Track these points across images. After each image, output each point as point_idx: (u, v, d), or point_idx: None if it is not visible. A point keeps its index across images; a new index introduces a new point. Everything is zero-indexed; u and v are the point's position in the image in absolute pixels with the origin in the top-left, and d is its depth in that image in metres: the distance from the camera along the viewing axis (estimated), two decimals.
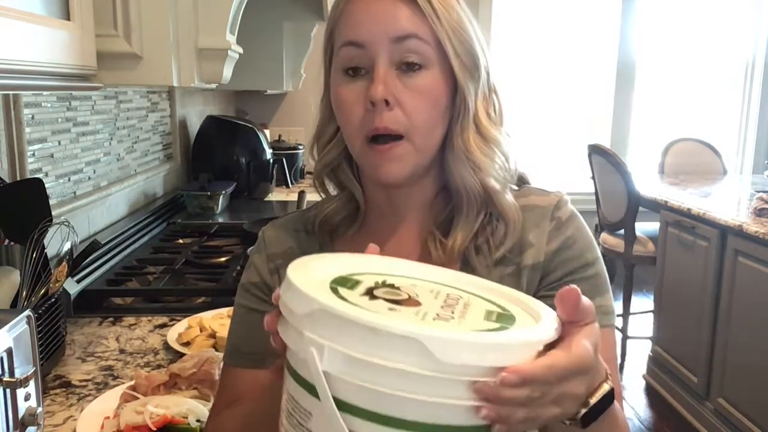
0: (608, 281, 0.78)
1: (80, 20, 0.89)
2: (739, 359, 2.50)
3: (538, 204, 0.78)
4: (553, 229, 0.76)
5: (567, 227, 0.76)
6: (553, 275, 0.75)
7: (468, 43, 0.72)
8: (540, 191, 0.80)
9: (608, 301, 0.77)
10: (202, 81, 1.22)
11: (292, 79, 3.20)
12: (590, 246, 0.77)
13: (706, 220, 2.64)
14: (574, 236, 0.76)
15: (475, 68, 0.73)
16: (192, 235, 2.02)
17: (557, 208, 0.77)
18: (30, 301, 0.97)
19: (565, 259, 0.76)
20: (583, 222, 0.79)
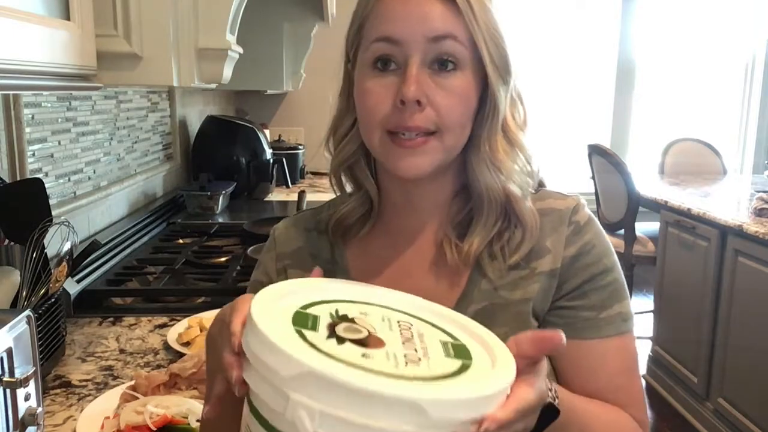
0: (626, 286, 0.77)
1: (80, 20, 0.89)
2: (739, 359, 2.50)
3: (555, 207, 0.77)
4: (571, 234, 0.75)
5: (585, 232, 0.75)
6: (571, 282, 0.74)
7: (502, 46, 0.71)
8: (557, 194, 0.79)
9: (627, 307, 0.76)
10: (202, 81, 1.21)
11: (292, 79, 3.20)
12: (608, 251, 0.76)
13: (706, 220, 2.64)
14: (592, 241, 0.75)
15: (507, 72, 0.72)
16: (192, 235, 2.02)
17: (575, 212, 0.76)
18: (30, 301, 0.97)
19: (583, 265, 0.74)
20: (600, 226, 0.78)
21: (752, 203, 2.60)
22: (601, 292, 0.74)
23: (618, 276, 0.76)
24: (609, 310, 0.74)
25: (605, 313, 0.74)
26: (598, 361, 0.74)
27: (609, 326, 0.74)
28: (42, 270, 1.00)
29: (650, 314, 3.24)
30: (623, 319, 0.75)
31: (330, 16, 2.77)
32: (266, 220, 2.05)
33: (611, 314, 0.74)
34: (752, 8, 4.53)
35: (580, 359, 0.74)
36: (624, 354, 0.75)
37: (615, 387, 0.74)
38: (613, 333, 0.74)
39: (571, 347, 0.69)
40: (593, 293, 0.74)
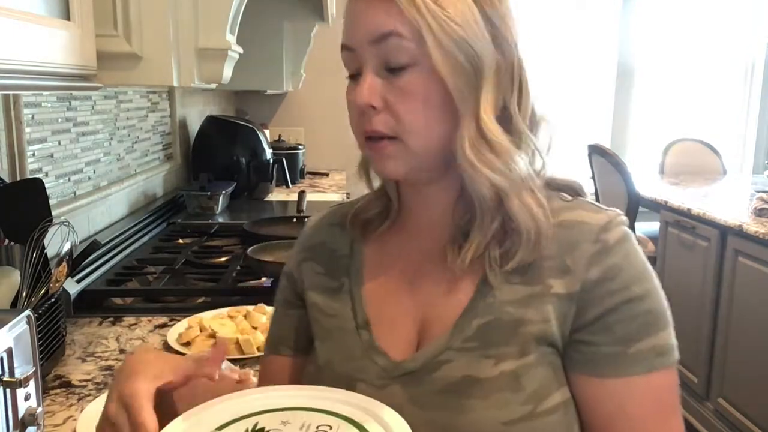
0: (665, 315, 0.68)
1: (80, 20, 0.89)
2: (739, 359, 2.50)
3: (584, 221, 0.68)
4: (596, 254, 0.65)
5: (613, 253, 0.65)
6: (592, 311, 0.65)
7: (460, 36, 0.63)
8: (592, 206, 0.70)
9: (664, 339, 0.66)
10: (202, 81, 1.21)
11: (292, 79, 3.20)
12: (640, 277, 0.66)
13: (706, 220, 2.64)
14: (620, 265, 0.65)
15: (470, 65, 0.64)
16: (192, 235, 2.02)
17: (605, 229, 0.67)
18: (30, 301, 0.97)
19: (606, 291, 0.64)
20: (637, 248, 0.68)
21: (752, 203, 2.60)
22: (628, 323, 0.64)
23: (652, 306, 0.66)
24: (638, 344, 0.64)
25: (634, 347, 0.64)
26: (622, 404, 0.65)
27: (637, 363, 0.64)
28: (42, 270, 1.00)
29: None
30: (658, 354, 0.65)
31: (330, 16, 2.77)
32: (266, 220, 2.05)
33: (641, 349, 0.64)
34: (752, 9, 4.53)
35: (602, 401, 0.65)
36: (658, 394, 0.65)
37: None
38: (642, 371, 0.64)
39: (590, 386, 0.65)
40: (618, 325, 0.64)
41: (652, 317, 0.66)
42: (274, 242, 1.66)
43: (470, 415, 0.64)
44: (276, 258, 1.56)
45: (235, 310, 1.26)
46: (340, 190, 3.01)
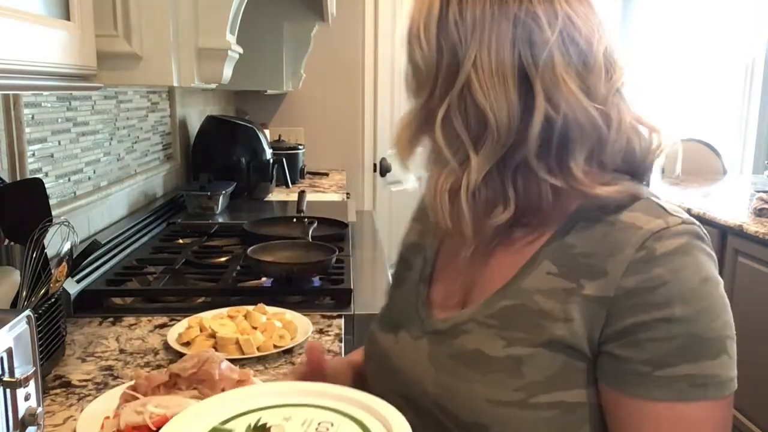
0: (716, 345, 0.61)
1: (80, 20, 0.89)
2: (739, 359, 2.49)
3: (637, 224, 0.63)
4: (637, 261, 0.61)
5: (658, 264, 0.60)
6: (622, 321, 0.61)
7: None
8: (657, 210, 0.64)
9: (708, 369, 0.60)
10: (202, 81, 1.22)
11: (292, 79, 3.20)
12: (688, 296, 0.60)
13: (706, 220, 2.64)
14: (664, 278, 0.60)
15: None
16: (192, 235, 2.02)
17: (657, 237, 0.61)
18: (30, 301, 0.97)
19: (641, 303, 0.60)
20: (697, 264, 0.62)
21: (752, 203, 2.60)
22: (662, 344, 0.59)
23: (698, 331, 0.60)
24: (671, 369, 0.59)
25: (665, 371, 0.59)
26: (640, 427, 0.61)
27: (665, 388, 0.60)
28: (42, 270, 1.00)
29: None
30: (693, 384, 0.59)
31: (330, 16, 2.77)
32: (266, 220, 2.05)
33: (673, 374, 0.59)
34: (752, 8, 4.53)
35: (621, 418, 0.62)
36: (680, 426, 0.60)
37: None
38: (667, 397, 0.60)
39: (613, 400, 0.62)
40: (650, 344, 0.60)
41: (694, 342, 0.60)
42: (274, 242, 1.66)
43: (466, 385, 0.67)
44: (276, 258, 1.57)
45: (235, 310, 1.26)
46: (340, 190, 3.01)
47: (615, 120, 0.66)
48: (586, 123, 0.64)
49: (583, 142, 0.65)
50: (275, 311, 1.27)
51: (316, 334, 1.22)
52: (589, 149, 0.65)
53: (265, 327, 1.18)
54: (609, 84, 0.66)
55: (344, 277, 1.52)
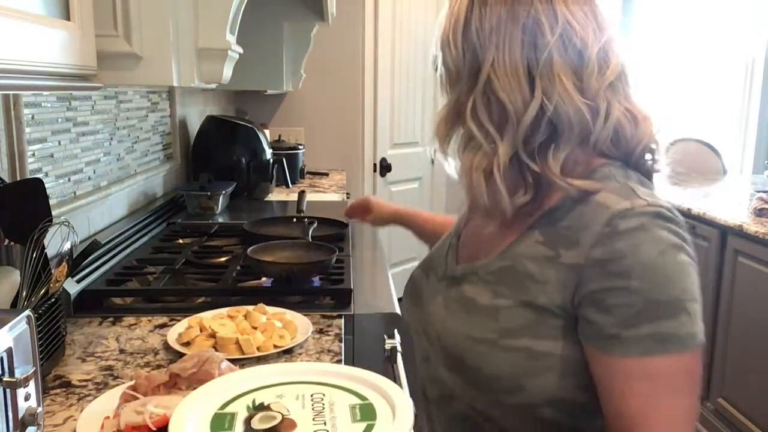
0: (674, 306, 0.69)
1: (80, 20, 0.89)
2: (739, 359, 2.50)
3: (606, 204, 0.73)
4: (603, 236, 0.71)
5: (621, 239, 0.70)
6: (589, 286, 0.72)
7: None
8: (627, 192, 0.74)
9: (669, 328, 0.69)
10: (202, 81, 1.22)
11: (292, 79, 3.20)
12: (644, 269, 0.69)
13: (706, 220, 2.64)
14: (624, 252, 0.69)
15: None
16: (192, 235, 2.02)
17: (622, 215, 0.71)
18: (30, 301, 0.97)
19: (606, 273, 0.70)
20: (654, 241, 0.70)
21: (752, 203, 2.60)
22: (625, 309, 0.69)
23: (656, 296, 0.69)
24: (635, 330, 0.69)
25: (630, 332, 0.69)
26: (616, 380, 0.71)
27: (632, 345, 0.69)
28: (42, 270, 1.00)
29: None
30: (657, 340, 0.68)
31: (330, 16, 2.77)
32: (266, 220, 2.05)
33: (639, 334, 0.69)
34: (752, 8, 4.53)
35: (602, 375, 0.73)
36: (652, 375, 0.69)
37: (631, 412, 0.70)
38: (635, 353, 0.69)
39: (595, 361, 0.73)
40: (616, 309, 0.70)
41: (652, 306, 0.69)
42: (274, 242, 1.66)
43: (457, 324, 0.82)
44: (276, 258, 1.57)
45: (235, 310, 1.26)
46: (340, 190, 3.01)
47: (603, 113, 0.77)
48: (574, 116, 0.75)
49: (570, 133, 0.76)
50: (275, 311, 1.27)
51: (316, 334, 1.22)
52: (577, 139, 0.77)
53: (265, 327, 1.18)
54: (601, 79, 0.77)
55: (344, 277, 1.52)
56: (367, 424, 0.62)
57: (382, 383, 0.69)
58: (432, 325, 0.87)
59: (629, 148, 0.80)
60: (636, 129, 0.79)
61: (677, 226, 0.72)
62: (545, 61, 0.74)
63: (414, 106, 4.22)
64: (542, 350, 0.75)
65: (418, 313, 0.93)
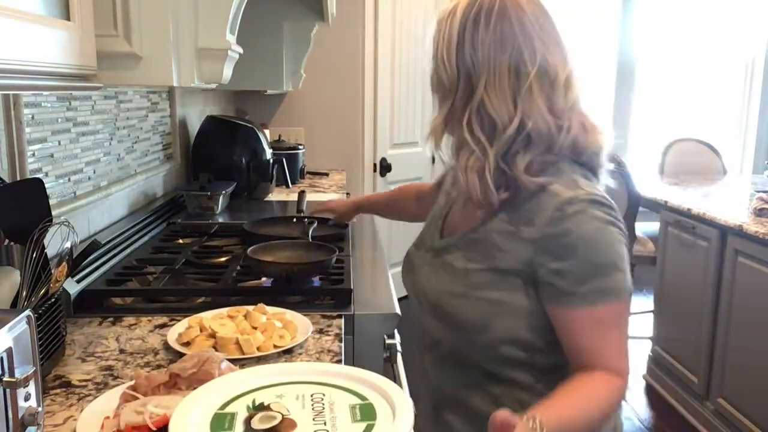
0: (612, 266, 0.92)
1: (80, 20, 0.89)
2: (739, 359, 2.50)
3: (557, 193, 0.95)
4: (555, 218, 0.93)
5: (567, 220, 0.92)
6: (546, 255, 0.94)
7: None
8: (573, 184, 0.95)
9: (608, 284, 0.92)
10: (202, 81, 1.22)
11: (292, 79, 3.20)
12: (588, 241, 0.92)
13: (706, 220, 2.64)
14: (571, 229, 0.92)
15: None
16: (192, 235, 2.02)
17: (569, 202, 0.93)
18: (30, 301, 0.97)
19: (559, 245, 0.93)
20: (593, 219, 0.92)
21: (752, 203, 2.60)
22: (574, 272, 0.92)
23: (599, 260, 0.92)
24: (583, 287, 0.92)
25: (582, 288, 0.92)
26: (574, 325, 0.94)
27: (582, 299, 0.92)
28: (42, 270, 1.00)
29: (650, 314, 3.24)
30: (601, 292, 0.92)
31: (330, 16, 2.77)
32: (266, 220, 2.05)
33: (588, 289, 0.92)
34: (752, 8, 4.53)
35: (564, 323, 0.95)
36: (598, 319, 0.93)
37: (588, 346, 0.94)
38: (585, 305, 0.92)
39: (556, 314, 0.95)
40: (566, 273, 0.92)
41: (598, 268, 0.92)
42: (274, 242, 1.66)
43: (438, 281, 1.05)
44: (276, 258, 1.57)
45: (235, 310, 1.26)
46: (340, 190, 3.01)
47: (565, 127, 0.97)
48: (545, 131, 0.96)
49: (539, 143, 0.96)
50: (275, 311, 1.27)
51: (316, 334, 1.22)
52: (544, 147, 0.97)
53: (265, 327, 1.18)
54: (565, 101, 0.97)
55: (344, 277, 1.52)
56: (367, 424, 0.62)
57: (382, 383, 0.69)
58: (420, 285, 1.09)
59: (581, 152, 1.00)
60: (587, 137, 0.99)
61: (609, 209, 0.95)
62: (526, 88, 0.94)
63: (414, 106, 4.22)
64: (501, 300, 0.97)
65: (410, 279, 1.15)
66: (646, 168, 4.04)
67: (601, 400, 0.92)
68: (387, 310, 1.37)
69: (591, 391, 0.92)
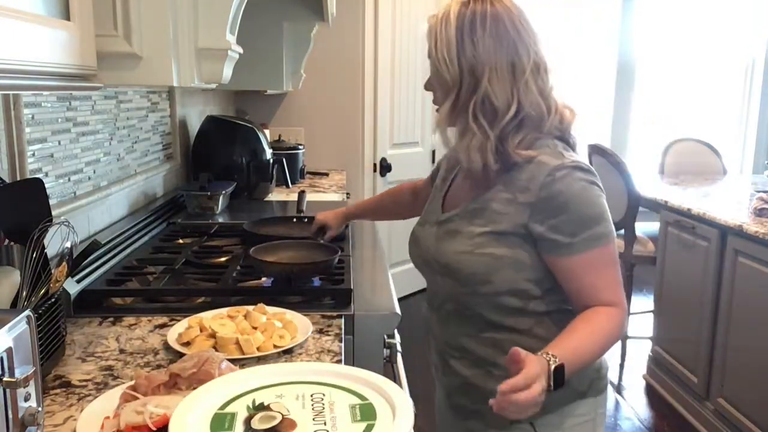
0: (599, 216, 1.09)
1: (80, 20, 0.89)
2: (739, 359, 2.50)
3: (546, 162, 1.09)
4: (546, 183, 1.08)
5: (557, 182, 1.07)
6: (542, 214, 1.08)
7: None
8: (558, 154, 1.11)
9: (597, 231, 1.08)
10: (202, 81, 1.22)
11: (292, 79, 3.20)
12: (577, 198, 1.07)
13: (706, 220, 2.64)
14: (561, 190, 1.07)
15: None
16: (192, 235, 2.02)
17: (557, 168, 1.08)
18: (30, 301, 0.97)
19: (551, 206, 1.08)
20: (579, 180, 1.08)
21: (752, 203, 2.60)
22: (568, 225, 1.08)
23: (588, 212, 1.08)
24: (579, 236, 1.07)
25: (576, 238, 1.07)
26: (573, 270, 1.10)
27: (579, 246, 1.08)
28: (42, 270, 1.00)
29: (650, 314, 3.24)
30: (593, 238, 1.08)
31: (330, 16, 2.77)
32: (266, 220, 2.05)
33: (581, 238, 1.07)
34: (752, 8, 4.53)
35: (564, 270, 1.11)
36: (594, 261, 1.09)
37: (588, 285, 1.09)
38: (582, 250, 1.08)
39: (556, 262, 1.11)
40: (563, 226, 1.08)
41: (588, 219, 1.08)
42: (275, 242, 1.66)
43: (445, 245, 1.19)
44: (278, 258, 1.56)
45: (235, 310, 1.26)
46: (340, 190, 3.01)
47: (553, 107, 1.15)
48: (538, 114, 1.12)
49: (530, 124, 1.12)
50: (275, 311, 1.27)
51: (316, 334, 1.22)
52: (534, 127, 1.13)
53: (265, 327, 1.18)
54: (549, 87, 1.15)
55: (344, 277, 1.52)
56: (367, 424, 0.62)
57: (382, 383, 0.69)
58: (430, 252, 1.23)
59: (565, 127, 1.17)
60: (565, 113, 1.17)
61: (589, 173, 1.10)
62: (524, 82, 1.10)
63: (414, 106, 4.22)
64: (502, 254, 1.12)
65: (417, 251, 1.28)
66: (646, 168, 4.04)
67: (604, 329, 1.07)
68: (387, 310, 1.37)
69: (594, 324, 1.07)
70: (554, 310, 1.15)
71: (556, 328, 1.10)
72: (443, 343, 1.27)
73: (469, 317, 1.19)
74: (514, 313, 1.15)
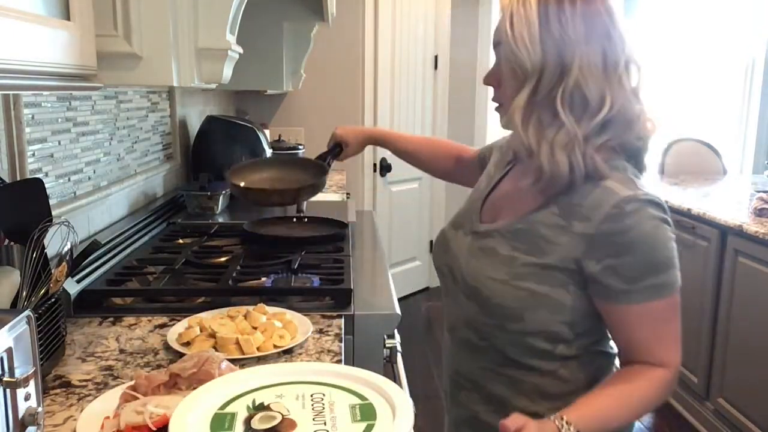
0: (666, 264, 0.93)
1: (80, 20, 0.89)
2: (739, 359, 2.50)
3: (615, 190, 0.94)
4: (612, 215, 0.92)
5: (625, 217, 0.92)
6: (599, 253, 0.93)
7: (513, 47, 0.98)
8: (631, 183, 0.95)
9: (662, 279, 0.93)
10: (202, 81, 1.22)
11: (292, 79, 3.20)
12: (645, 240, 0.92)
13: (706, 220, 2.64)
14: (630, 226, 0.91)
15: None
16: (192, 235, 2.02)
17: (627, 201, 0.92)
18: (30, 301, 0.97)
19: (613, 242, 0.92)
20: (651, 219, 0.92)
21: (752, 203, 2.60)
22: (630, 269, 0.92)
23: (654, 260, 0.92)
24: (641, 283, 0.92)
25: (637, 285, 0.92)
26: (625, 321, 0.95)
27: (639, 295, 0.93)
28: (42, 270, 1.00)
29: None
30: (657, 288, 0.93)
31: (330, 16, 2.77)
32: (266, 220, 2.05)
33: (643, 285, 0.92)
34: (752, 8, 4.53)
35: (618, 319, 0.96)
36: (652, 314, 0.94)
37: (640, 340, 0.95)
38: (642, 300, 0.93)
39: (610, 310, 0.96)
40: (623, 270, 0.92)
41: (655, 265, 0.93)
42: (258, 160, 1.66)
43: (479, 266, 1.04)
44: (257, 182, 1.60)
45: (235, 310, 1.26)
46: (340, 190, 3.00)
47: (642, 114, 0.98)
48: (629, 114, 0.96)
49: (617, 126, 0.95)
50: (275, 311, 1.27)
51: (316, 334, 1.22)
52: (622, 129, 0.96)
53: (265, 327, 1.18)
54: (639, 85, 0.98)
55: (344, 277, 1.52)
56: (367, 424, 0.62)
57: (382, 383, 0.69)
58: (459, 266, 1.09)
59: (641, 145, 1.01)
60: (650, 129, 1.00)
61: (663, 210, 0.96)
62: (618, 77, 0.94)
63: (414, 106, 4.22)
64: (542, 292, 0.97)
65: (445, 258, 1.14)
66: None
67: (643, 393, 0.94)
68: (387, 310, 1.37)
69: (633, 386, 0.94)
70: (583, 354, 1.02)
71: (583, 372, 1.01)
72: (454, 371, 1.15)
73: (487, 349, 1.06)
74: (540, 354, 1.01)
